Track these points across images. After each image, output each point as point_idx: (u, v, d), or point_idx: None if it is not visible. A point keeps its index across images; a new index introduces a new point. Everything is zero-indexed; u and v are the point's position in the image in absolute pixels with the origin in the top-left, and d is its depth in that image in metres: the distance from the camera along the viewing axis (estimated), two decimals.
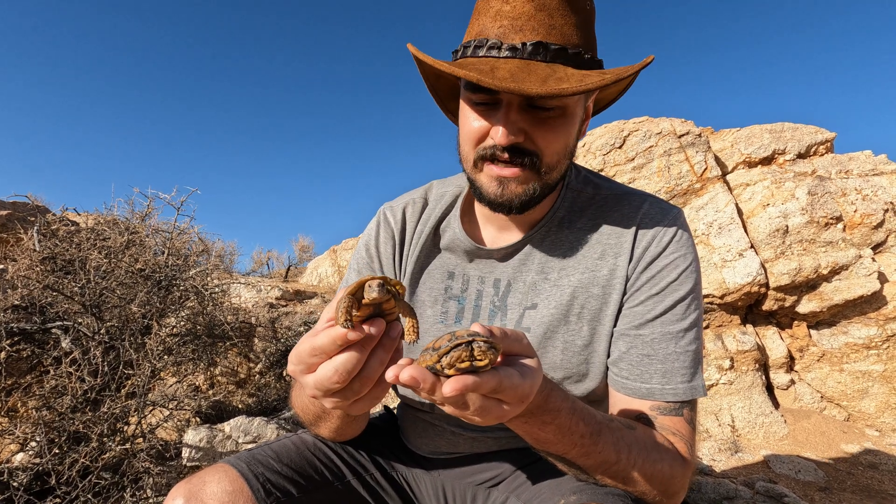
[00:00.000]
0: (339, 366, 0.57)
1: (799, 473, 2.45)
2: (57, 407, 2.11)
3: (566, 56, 0.79)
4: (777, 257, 3.15)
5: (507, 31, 0.79)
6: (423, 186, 1.12)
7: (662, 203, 0.95)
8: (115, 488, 2.06)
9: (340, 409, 0.63)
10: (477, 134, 0.84)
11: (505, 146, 0.81)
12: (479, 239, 1.00)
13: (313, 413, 0.90)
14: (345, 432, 0.96)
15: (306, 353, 0.59)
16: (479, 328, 0.56)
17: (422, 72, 0.95)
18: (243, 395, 3.58)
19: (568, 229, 0.95)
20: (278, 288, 5.24)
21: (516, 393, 0.56)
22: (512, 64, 0.77)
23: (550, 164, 0.84)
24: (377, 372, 0.59)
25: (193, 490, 0.82)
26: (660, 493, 0.77)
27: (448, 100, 1.04)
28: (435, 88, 1.01)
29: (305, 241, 11.10)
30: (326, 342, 0.57)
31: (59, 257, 2.56)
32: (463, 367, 0.52)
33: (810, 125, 3.80)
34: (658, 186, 3.55)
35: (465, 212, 1.02)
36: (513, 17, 0.79)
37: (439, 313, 0.99)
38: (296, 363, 0.61)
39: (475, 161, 0.86)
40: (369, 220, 1.13)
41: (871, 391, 3.02)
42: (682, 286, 0.87)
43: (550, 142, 0.83)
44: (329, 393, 0.60)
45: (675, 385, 0.84)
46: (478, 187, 0.88)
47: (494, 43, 0.79)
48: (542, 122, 0.82)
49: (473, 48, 0.82)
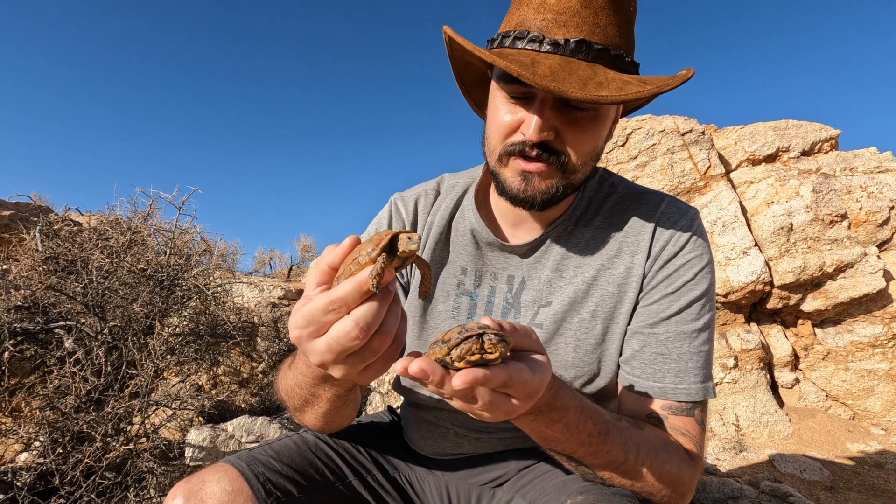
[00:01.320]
0: (359, 318, 0.51)
1: (804, 473, 2.44)
2: (60, 407, 2.12)
3: (608, 57, 0.77)
4: (781, 255, 3.14)
5: (550, 24, 0.77)
6: (436, 179, 1.10)
7: (680, 203, 0.95)
8: (119, 488, 2.06)
9: (349, 378, 0.58)
10: (507, 128, 0.82)
11: (535, 143, 0.79)
12: (498, 234, 0.99)
13: (300, 397, 0.83)
14: (333, 419, 0.89)
15: (321, 310, 0.53)
16: (489, 321, 0.55)
17: (451, 57, 0.93)
18: (246, 394, 3.59)
19: (585, 227, 0.95)
20: (281, 287, 5.25)
21: (526, 388, 0.55)
22: (553, 60, 0.75)
23: (577, 165, 0.83)
24: (395, 326, 0.55)
25: (193, 489, 0.81)
26: (668, 493, 0.77)
27: (473, 88, 1.02)
28: (461, 75, 0.99)
29: (307, 241, 11.11)
30: (350, 291, 0.51)
31: (61, 257, 2.56)
32: (473, 360, 0.51)
33: (814, 122, 3.78)
34: (661, 185, 3.54)
35: (480, 206, 1.01)
36: (557, 10, 0.77)
37: (451, 308, 0.98)
38: (303, 325, 0.55)
39: (501, 155, 0.84)
40: (370, 220, 1.12)
41: (876, 390, 3.00)
42: (697, 286, 0.87)
43: (580, 143, 0.81)
44: (344, 354, 0.54)
45: (687, 385, 0.83)
46: (501, 181, 0.86)
47: (536, 36, 0.77)
48: (575, 121, 0.80)
49: (513, 39, 0.79)
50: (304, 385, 0.80)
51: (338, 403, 0.84)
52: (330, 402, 0.82)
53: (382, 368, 0.59)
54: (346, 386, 0.78)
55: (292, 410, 0.91)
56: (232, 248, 8.46)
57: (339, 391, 0.79)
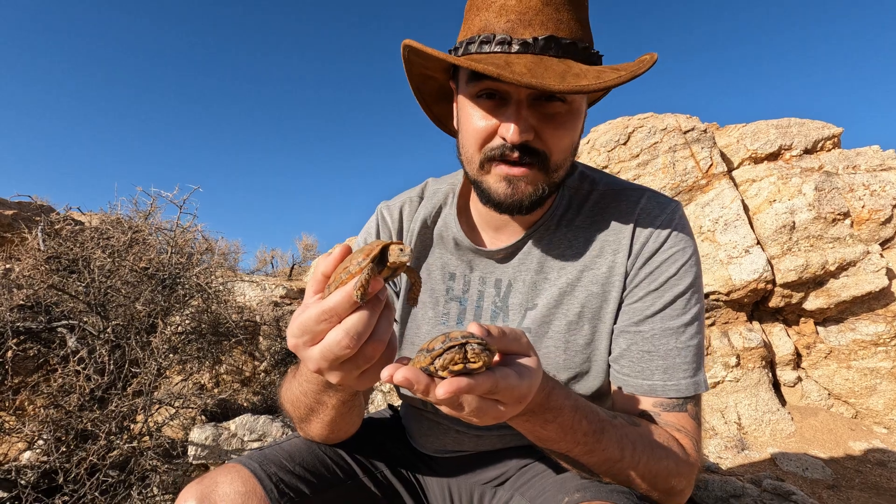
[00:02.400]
0: (350, 328, 0.53)
1: (806, 471, 2.44)
2: (64, 405, 2.12)
3: (576, 50, 0.78)
4: (784, 254, 3.13)
5: (515, 25, 0.77)
6: (420, 185, 1.11)
7: (660, 197, 0.94)
8: (122, 486, 2.07)
9: (347, 384, 0.59)
10: (483, 133, 0.82)
11: (517, 144, 0.79)
12: (477, 240, 0.99)
13: (305, 406, 0.84)
14: (339, 427, 0.90)
15: (313, 320, 0.55)
16: (476, 328, 0.55)
17: (408, 72, 0.93)
18: (248, 393, 3.60)
19: (566, 228, 0.94)
20: (282, 286, 5.25)
21: (513, 394, 0.55)
22: (525, 59, 0.75)
23: (557, 162, 0.83)
24: (387, 333, 0.57)
25: (205, 491, 0.80)
26: (665, 489, 0.77)
27: (434, 103, 1.02)
28: (420, 91, 0.98)
29: (309, 240, 11.11)
30: (340, 301, 0.53)
31: (63, 257, 2.57)
32: (456, 370, 0.51)
33: (817, 120, 3.76)
34: (663, 183, 3.53)
35: (461, 212, 1.01)
36: (520, 11, 0.77)
37: (441, 314, 0.98)
38: (298, 334, 0.57)
39: (482, 163, 0.83)
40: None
41: (879, 388, 3.00)
42: (681, 281, 0.86)
43: (559, 139, 0.81)
44: (337, 362, 0.56)
45: (677, 381, 0.83)
46: (484, 189, 0.85)
47: (503, 38, 0.77)
48: (551, 118, 0.80)
49: (479, 44, 0.79)
50: (309, 393, 0.80)
51: (343, 410, 0.84)
52: (335, 409, 0.83)
53: (377, 376, 0.60)
54: (350, 391, 0.78)
55: (297, 422, 0.91)
56: (233, 246, 8.47)
57: (343, 397, 0.79)
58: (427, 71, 0.92)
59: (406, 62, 0.89)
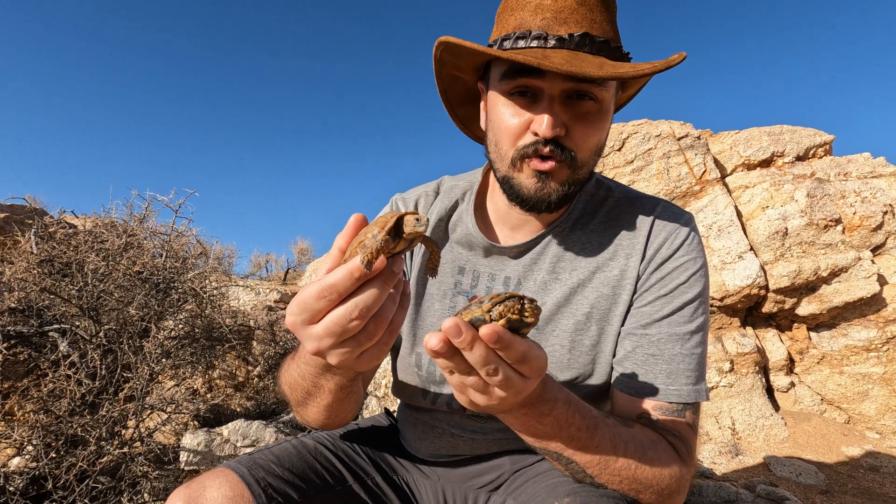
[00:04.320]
0: (359, 302, 0.53)
1: (800, 476, 2.45)
2: (54, 410, 2.10)
3: (608, 49, 0.80)
4: (776, 259, 3.16)
5: (551, 23, 0.79)
6: (436, 180, 1.11)
7: (675, 207, 0.97)
8: (113, 492, 2.05)
9: (346, 365, 0.59)
10: (516, 130, 0.83)
11: (549, 139, 0.80)
12: (492, 237, 1.00)
13: (303, 389, 0.83)
14: (336, 413, 0.88)
15: (313, 297, 0.53)
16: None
17: (437, 73, 0.94)
18: (242, 398, 3.57)
19: (581, 230, 0.96)
20: (277, 291, 5.23)
21: (538, 364, 0.57)
22: (562, 53, 0.77)
23: (584, 160, 0.84)
24: (391, 311, 0.57)
25: (193, 495, 0.80)
26: (657, 493, 0.77)
27: (459, 105, 1.03)
28: (447, 93, 1.00)
29: (304, 244, 11.08)
30: (340, 279, 0.52)
31: (56, 260, 2.55)
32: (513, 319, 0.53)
33: (809, 128, 3.81)
34: (657, 189, 3.55)
35: (478, 208, 1.02)
36: (555, 10, 0.80)
37: (448, 308, 0.98)
38: (297, 312, 0.55)
39: (514, 160, 0.84)
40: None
41: (871, 394, 3.02)
42: (691, 289, 0.87)
43: (588, 136, 0.83)
44: (340, 339, 0.55)
45: (679, 386, 0.84)
46: (514, 186, 0.86)
47: (539, 34, 0.79)
48: (582, 116, 0.82)
49: (515, 39, 0.81)
50: (306, 375, 0.80)
51: (341, 395, 0.83)
52: (333, 394, 0.82)
53: (378, 354, 0.60)
54: (349, 375, 0.78)
55: (295, 405, 0.91)
56: (228, 251, 8.43)
57: (342, 381, 0.79)
58: (457, 72, 0.93)
59: (437, 62, 0.90)
